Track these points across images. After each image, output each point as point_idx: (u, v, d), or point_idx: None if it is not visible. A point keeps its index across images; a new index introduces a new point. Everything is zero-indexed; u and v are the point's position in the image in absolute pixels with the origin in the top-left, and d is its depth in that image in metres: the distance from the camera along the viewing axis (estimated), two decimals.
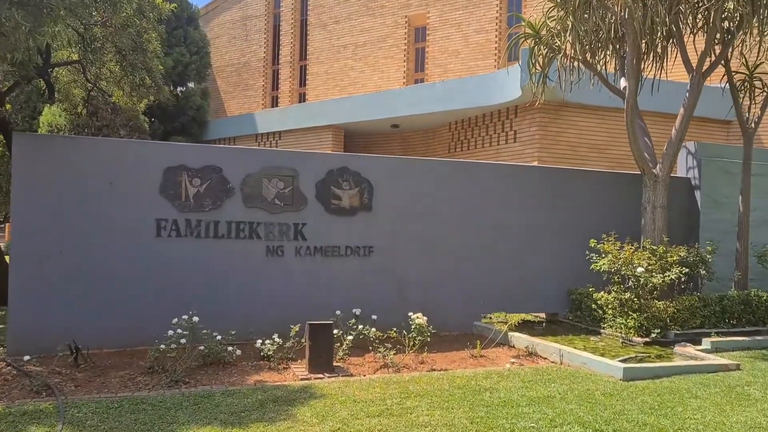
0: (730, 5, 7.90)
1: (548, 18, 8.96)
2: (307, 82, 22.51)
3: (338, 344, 6.46)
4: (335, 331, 6.34)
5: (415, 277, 8.15)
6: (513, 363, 6.56)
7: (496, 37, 17.86)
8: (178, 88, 20.59)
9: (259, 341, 6.41)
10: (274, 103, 23.87)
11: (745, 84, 9.34)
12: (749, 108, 9.40)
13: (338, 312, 6.99)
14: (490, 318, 8.79)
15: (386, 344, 6.61)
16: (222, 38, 25.27)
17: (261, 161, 7.46)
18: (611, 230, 8.33)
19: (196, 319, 6.21)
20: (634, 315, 7.56)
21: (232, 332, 6.48)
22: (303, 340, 6.22)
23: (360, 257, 7.91)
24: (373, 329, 6.81)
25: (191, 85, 21.12)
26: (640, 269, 7.59)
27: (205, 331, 6.20)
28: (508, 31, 17.25)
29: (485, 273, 8.51)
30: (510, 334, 7.54)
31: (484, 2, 18.15)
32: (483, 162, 9.60)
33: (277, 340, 6.37)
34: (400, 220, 8.09)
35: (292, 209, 7.57)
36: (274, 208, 7.47)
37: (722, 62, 8.65)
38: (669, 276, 7.70)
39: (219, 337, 6.20)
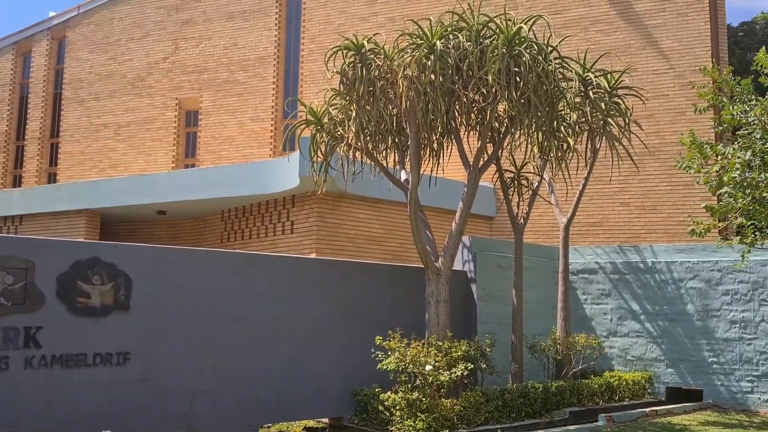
0: (502, 107, 8.30)
1: (330, 106, 8.71)
2: (59, 161, 20.09)
3: None
4: None
5: (182, 386, 6.94)
6: None
7: (272, 125, 17.56)
8: None
9: None
10: (17, 183, 20.90)
11: (514, 182, 9.87)
12: (518, 204, 9.91)
13: None
14: (269, 428, 7.80)
15: None
16: None
17: None
18: (397, 325, 7.95)
19: None
20: (423, 416, 7.15)
21: None
22: None
23: (113, 366, 6.52)
24: None
25: None
26: (428, 367, 7.25)
27: None
28: (287, 118, 17.07)
29: (263, 376, 7.57)
30: None
31: (260, 90, 17.87)
32: (258, 253, 8.84)
33: None
34: (165, 319, 6.90)
35: (24, 309, 6.03)
36: None
37: (494, 161, 9.02)
38: (455, 372, 7.47)
39: None
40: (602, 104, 9.14)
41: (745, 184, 7.92)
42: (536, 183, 10.07)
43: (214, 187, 13.64)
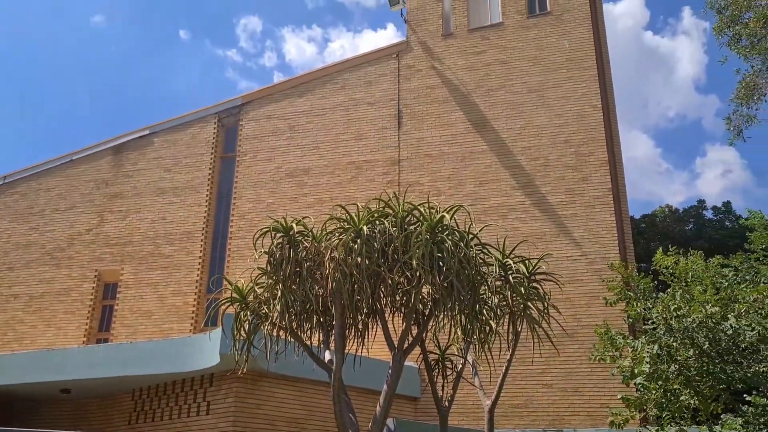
0: (426, 290, 8.47)
1: (257, 284, 8.69)
2: None
3: None
4: None
5: None
6: None
7: (195, 300, 17.20)
8: None
9: None
10: None
11: (439, 363, 9.82)
12: (443, 386, 9.78)
13: None
14: None
15: None
16: None
17: None
18: None
19: None
20: None
21: None
22: None
23: None
24: None
25: None
26: None
27: None
28: (212, 294, 16.80)
29: None
30: None
31: (186, 264, 17.71)
32: None
33: None
34: None
35: None
36: None
37: (419, 342, 9.03)
38: None
39: None
40: (522, 289, 9.47)
41: (656, 376, 8.19)
42: (460, 365, 10.06)
43: (128, 363, 12.93)
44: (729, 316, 8.71)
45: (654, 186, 62.64)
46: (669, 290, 9.71)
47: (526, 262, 9.95)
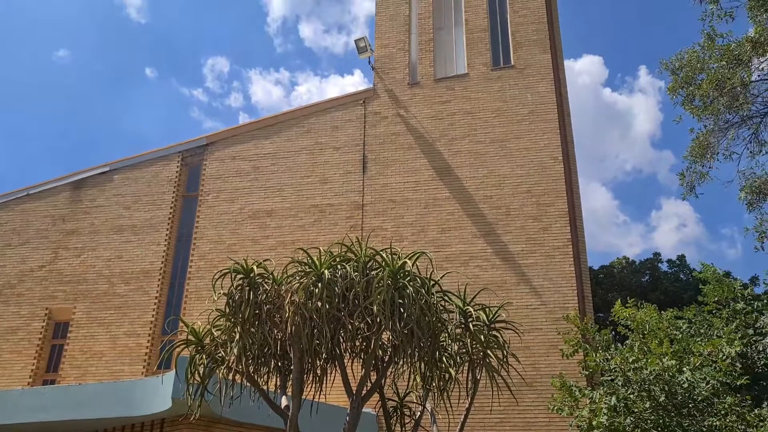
0: (386, 336, 8.41)
1: (214, 327, 8.51)
2: None
3: None
4: None
5: None
6: None
7: (149, 341, 16.74)
8: None
9: None
10: None
11: (397, 411, 9.69)
12: None
13: None
14: None
15: None
16: None
17: None
18: None
19: None
20: None
21: None
22: None
23: None
24: None
25: None
26: None
27: None
28: (167, 336, 16.38)
29: None
30: None
31: (141, 304, 17.28)
32: None
33: None
34: None
35: None
36: None
37: (378, 389, 8.91)
38: None
39: None
40: (482, 336, 9.48)
41: (613, 428, 8.22)
42: (419, 412, 9.94)
43: (76, 406, 12.43)
44: (684, 369, 8.83)
45: (612, 237, 63.97)
46: (627, 342, 9.82)
47: (487, 309, 9.98)
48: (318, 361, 8.73)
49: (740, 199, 15.94)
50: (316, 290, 7.75)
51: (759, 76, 15.82)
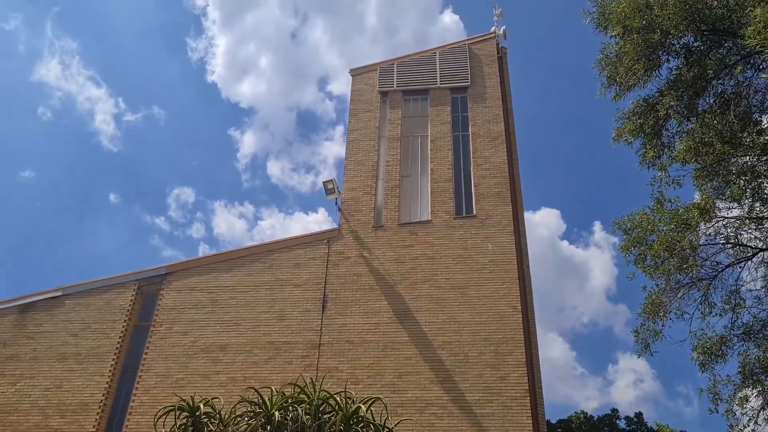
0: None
1: None
2: None
3: None
4: None
5: None
6: None
7: None
8: None
9: None
10: None
11: None
12: None
13: None
14: None
15: None
16: None
17: None
18: None
19: None
20: None
21: None
22: None
23: None
24: None
25: None
26: None
27: None
28: None
29: None
30: None
31: None
32: None
33: None
34: None
35: None
36: None
37: None
38: None
39: None
40: None
41: None
42: None
43: None
44: None
45: (569, 389, 63.19)
46: None
47: None
48: None
49: (693, 359, 16.14)
50: None
51: (706, 240, 16.60)
